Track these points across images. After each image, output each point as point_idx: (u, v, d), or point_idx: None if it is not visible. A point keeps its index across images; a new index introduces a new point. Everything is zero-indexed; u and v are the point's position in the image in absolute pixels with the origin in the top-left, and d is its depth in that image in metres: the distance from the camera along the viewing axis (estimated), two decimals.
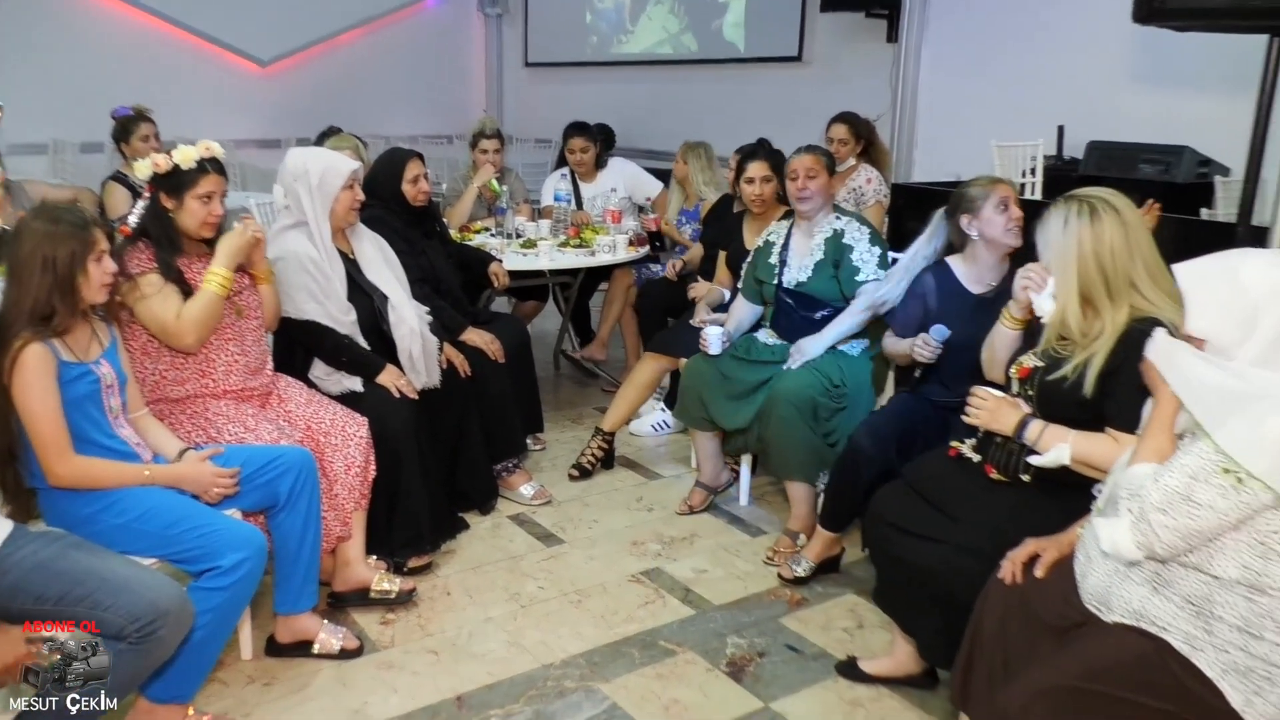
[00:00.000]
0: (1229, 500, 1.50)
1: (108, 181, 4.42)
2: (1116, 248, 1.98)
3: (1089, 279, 1.99)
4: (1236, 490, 1.49)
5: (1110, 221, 1.98)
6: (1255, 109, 2.71)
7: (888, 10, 5.92)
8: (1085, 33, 4.93)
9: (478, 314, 3.67)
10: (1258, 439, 1.47)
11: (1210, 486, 1.51)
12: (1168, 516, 1.54)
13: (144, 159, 2.47)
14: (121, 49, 7.51)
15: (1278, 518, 1.50)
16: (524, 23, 9.11)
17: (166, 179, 2.45)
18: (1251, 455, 1.47)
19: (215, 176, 2.48)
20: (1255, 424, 1.48)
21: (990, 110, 5.39)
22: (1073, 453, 2.01)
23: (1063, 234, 2.01)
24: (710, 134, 4.94)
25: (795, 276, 3.23)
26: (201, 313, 2.43)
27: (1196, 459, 1.53)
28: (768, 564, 3.05)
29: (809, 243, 3.23)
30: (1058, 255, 2.04)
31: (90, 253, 2.07)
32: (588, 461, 3.71)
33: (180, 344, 2.45)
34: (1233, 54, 3.61)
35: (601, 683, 2.45)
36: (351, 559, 2.73)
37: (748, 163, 3.66)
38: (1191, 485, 1.52)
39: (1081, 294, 2.01)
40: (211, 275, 2.46)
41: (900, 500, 2.31)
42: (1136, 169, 4.33)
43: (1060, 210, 2.04)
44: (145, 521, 2.12)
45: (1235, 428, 1.50)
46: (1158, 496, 1.55)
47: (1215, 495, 1.50)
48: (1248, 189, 2.76)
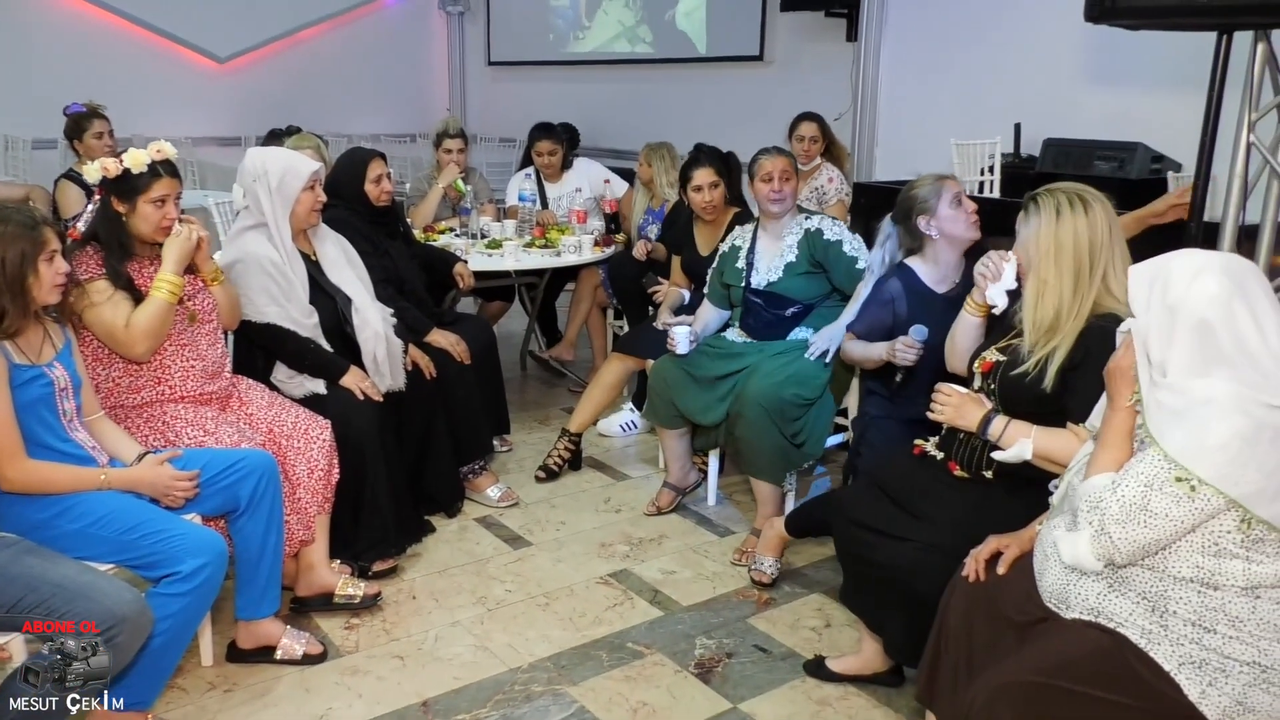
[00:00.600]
0: (1183, 508, 1.52)
1: (61, 180, 4.34)
2: (1103, 241, 2.01)
3: (1080, 271, 2.01)
4: (1190, 498, 1.52)
5: (1100, 213, 2.02)
6: (1205, 106, 2.75)
7: (847, 9, 5.96)
8: (1040, 32, 5.00)
9: (443, 315, 3.64)
10: (1203, 446, 1.50)
11: (1165, 495, 1.53)
12: (1126, 529, 1.56)
13: (94, 161, 2.41)
14: (75, 45, 7.36)
15: (1228, 518, 1.53)
16: (486, 21, 9.06)
17: (117, 183, 2.39)
18: (1200, 462, 1.51)
19: (169, 180, 2.43)
20: (1199, 430, 1.51)
21: (949, 108, 5.45)
22: (1035, 448, 2.04)
23: (1056, 226, 2.02)
24: (673, 133, 4.94)
25: (765, 278, 3.25)
26: (151, 321, 2.38)
27: (1150, 467, 1.55)
28: (735, 565, 3.06)
29: (778, 244, 3.25)
30: (1048, 249, 2.02)
31: (40, 252, 2.03)
32: (555, 463, 3.70)
33: (131, 353, 2.40)
34: (1183, 52, 3.67)
35: (569, 686, 2.44)
36: (315, 563, 2.70)
37: (692, 171, 3.61)
38: (1147, 495, 1.54)
39: (1074, 286, 2.01)
40: (160, 282, 2.40)
41: (866, 499, 2.32)
42: (1092, 166, 4.39)
43: (1050, 202, 2.04)
44: (102, 527, 2.08)
45: (1183, 434, 1.53)
46: (1116, 509, 1.57)
47: (1170, 504, 1.53)
48: (1199, 186, 2.80)
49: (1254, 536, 1.52)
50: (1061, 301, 2.02)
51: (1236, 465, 1.49)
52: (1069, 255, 2.01)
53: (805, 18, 6.23)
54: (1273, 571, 1.53)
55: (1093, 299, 2.02)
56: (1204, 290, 1.58)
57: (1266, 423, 1.50)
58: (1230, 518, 1.52)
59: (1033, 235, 2.05)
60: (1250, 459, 1.49)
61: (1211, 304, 1.57)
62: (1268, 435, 1.49)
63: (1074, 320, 2.02)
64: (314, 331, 2.87)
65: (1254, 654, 1.54)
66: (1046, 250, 2.03)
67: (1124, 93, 4.71)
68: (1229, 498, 1.50)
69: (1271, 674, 1.54)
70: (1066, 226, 2.01)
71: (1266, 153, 2.78)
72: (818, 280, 3.21)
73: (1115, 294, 2.01)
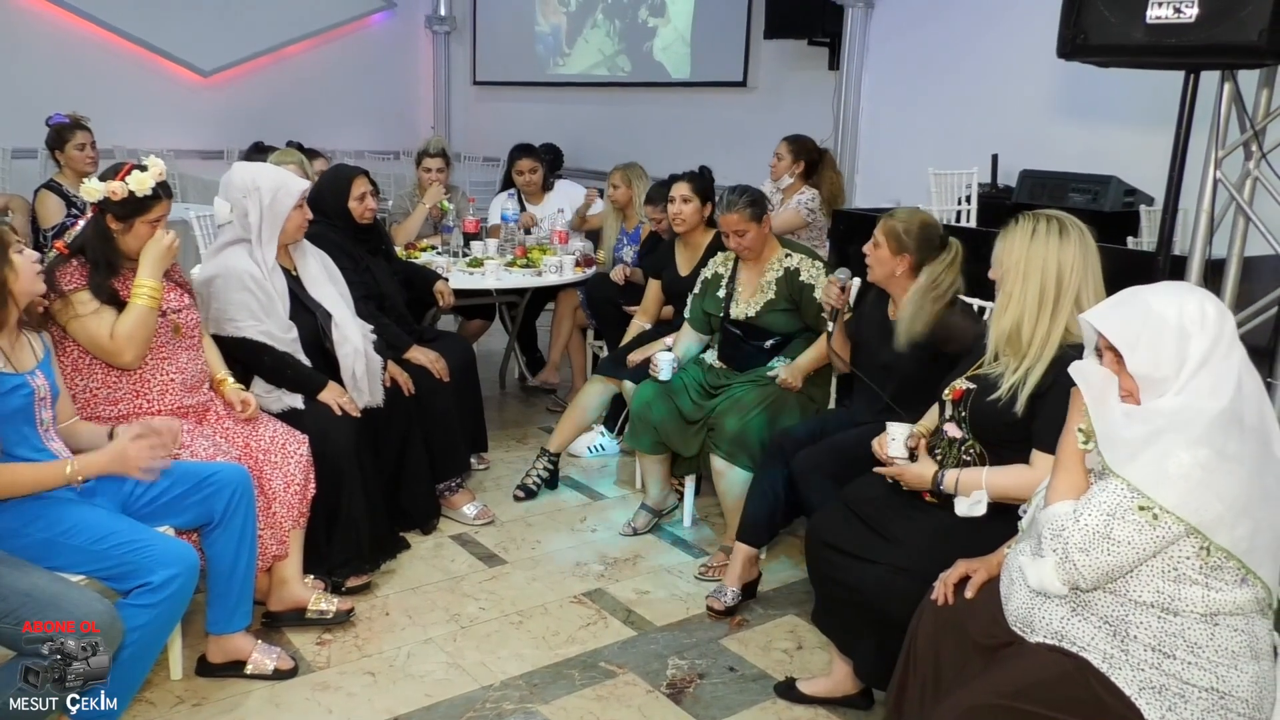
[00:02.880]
0: (1145, 535, 1.56)
1: (40, 189, 4.32)
2: (1075, 267, 2.06)
3: (1045, 291, 2.06)
4: (1152, 526, 1.55)
5: (1075, 240, 2.07)
6: (1173, 142, 2.82)
7: (829, 39, 6.05)
8: (1017, 66, 5.10)
9: (423, 332, 3.66)
10: (1165, 474, 1.54)
11: (1127, 523, 1.56)
12: (1089, 556, 1.59)
13: (92, 180, 2.42)
14: (57, 55, 7.35)
15: (1188, 545, 1.56)
16: (472, 41, 9.12)
17: (120, 204, 2.40)
18: (1162, 490, 1.54)
19: (166, 201, 2.47)
20: (1162, 459, 1.55)
21: (928, 138, 5.54)
22: (990, 492, 2.10)
23: (1029, 244, 2.08)
24: (656, 156, 5.00)
25: (744, 311, 3.28)
26: (134, 328, 2.38)
27: (1113, 496, 1.59)
28: (699, 579, 3.07)
29: (758, 279, 3.30)
30: (1017, 263, 2.08)
31: (8, 247, 2.01)
32: (533, 482, 3.70)
33: (119, 362, 2.40)
34: (1152, 88, 3.77)
35: (541, 704, 2.44)
36: (288, 578, 2.69)
37: (668, 191, 3.77)
38: (1110, 523, 1.58)
39: (1039, 304, 2.07)
40: (139, 288, 2.41)
41: (839, 522, 2.35)
42: (1066, 197, 4.48)
43: (1028, 223, 2.10)
44: (73, 535, 2.07)
45: (1144, 464, 1.56)
46: (1079, 537, 1.60)
47: (1133, 532, 1.56)
48: (1166, 220, 2.87)
49: (1212, 564, 1.56)
50: (1023, 316, 2.08)
51: (1197, 493, 1.53)
52: (1036, 274, 2.07)
53: (788, 45, 6.32)
54: (1231, 599, 1.57)
55: (1062, 325, 2.06)
56: (1187, 307, 1.61)
57: (1227, 452, 1.53)
58: (1189, 544, 1.56)
59: (1006, 250, 2.12)
60: (1210, 487, 1.53)
61: (1192, 320, 1.60)
62: (1228, 465, 1.53)
63: (1042, 344, 2.07)
64: (293, 346, 2.88)
65: (1212, 680, 1.57)
66: (1015, 265, 2.09)
67: (1098, 127, 4.82)
68: (1189, 524, 1.53)
69: (1229, 700, 1.57)
70: (1039, 247, 2.07)
71: (1233, 189, 2.85)
72: (795, 316, 3.26)
73: None
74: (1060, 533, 1.63)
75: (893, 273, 2.72)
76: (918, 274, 2.69)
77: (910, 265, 2.71)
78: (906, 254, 2.69)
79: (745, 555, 2.91)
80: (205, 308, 2.80)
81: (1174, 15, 2.52)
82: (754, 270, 3.31)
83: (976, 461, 2.20)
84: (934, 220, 2.78)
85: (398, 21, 9.18)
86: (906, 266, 2.71)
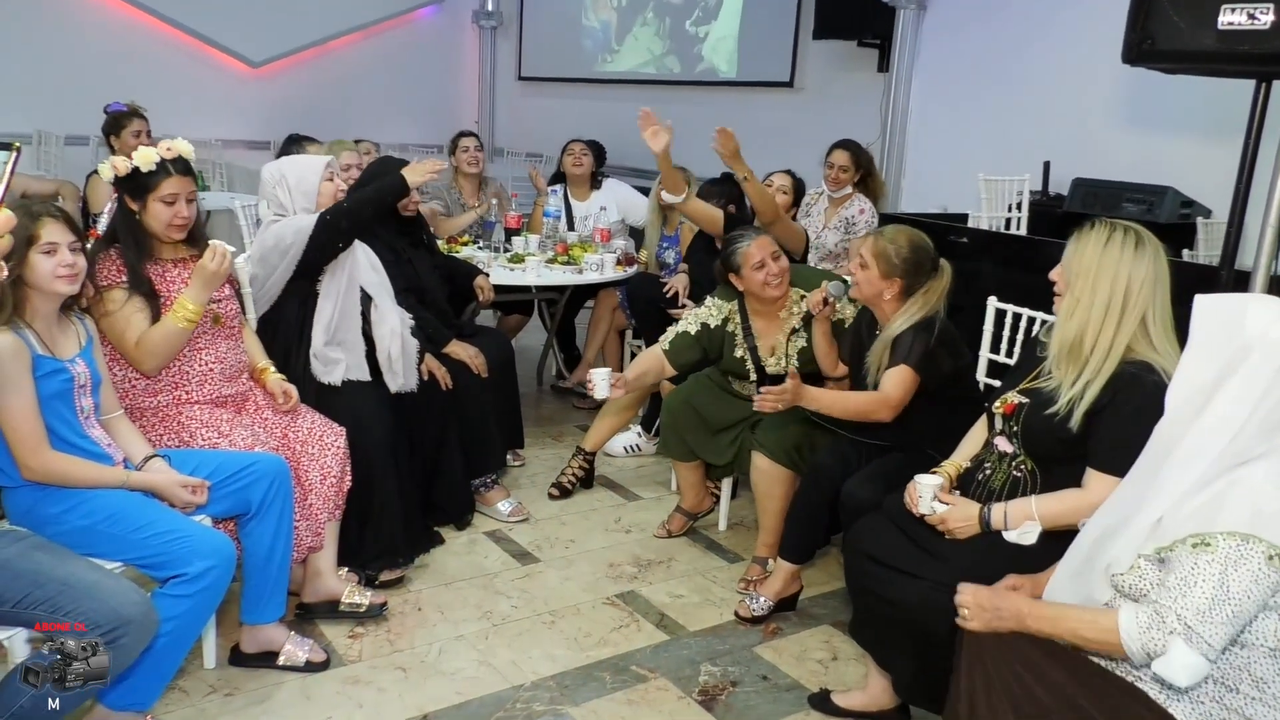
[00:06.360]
0: (1261, 585, 1.46)
1: (92, 175, 4.38)
2: (1146, 281, 1.98)
3: (1112, 301, 1.98)
4: (1268, 568, 1.46)
5: (1150, 256, 1.99)
6: (1241, 153, 2.73)
7: (879, 40, 5.97)
8: (1074, 71, 4.98)
9: (462, 327, 3.65)
10: (1268, 512, 1.46)
11: (1243, 575, 1.46)
12: (1211, 624, 1.47)
13: (107, 160, 2.43)
14: (111, 43, 7.45)
15: None
16: (518, 36, 9.12)
17: (129, 181, 2.40)
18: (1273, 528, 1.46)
19: (178, 178, 2.42)
20: (1255, 498, 1.47)
21: (978, 143, 5.43)
22: (1042, 522, 2.04)
23: (1102, 251, 2.00)
24: (701, 156, 4.93)
25: (782, 365, 3.07)
26: (161, 344, 2.38)
27: (1220, 554, 1.48)
28: (741, 593, 3.03)
29: (779, 325, 3.10)
30: (1088, 269, 2.00)
31: (33, 243, 2.00)
32: (568, 481, 3.68)
33: (138, 368, 2.42)
34: (1216, 98, 3.66)
35: (571, 706, 2.42)
36: (322, 570, 2.69)
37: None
38: (1224, 579, 1.47)
39: (1104, 314, 1.99)
40: (180, 308, 2.37)
41: (880, 533, 2.29)
42: (1120, 208, 4.37)
43: (1104, 230, 2.02)
44: (112, 524, 2.08)
45: (1237, 510, 1.48)
46: (1194, 609, 1.48)
47: (1249, 583, 1.46)
48: (1232, 233, 2.78)
49: None
50: (1088, 324, 2.00)
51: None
52: (1106, 282, 1.99)
53: (837, 46, 6.24)
54: None
55: (1125, 340, 1.99)
56: None
57: None
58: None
59: (1077, 254, 2.04)
60: None
61: None
62: None
63: (1103, 356, 1.99)
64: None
65: (1275, 717, 1.50)
66: (1085, 270, 2.01)
67: (1155, 136, 4.69)
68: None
69: None
70: (1112, 255, 1.99)
71: None
72: None
73: (1154, 342, 1.98)
74: (1162, 604, 1.52)
75: (880, 294, 2.67)
76: (908, 298, 2.64)
77: (900, 290, 2.65)
78: (896, 278, 2.64)
79: (787, 572, 2.88)
80: (265, 262, 2.82)
81: (1248, 22, 2.43)
82: (768, 318, 3.11)
83: (1027, 478, 2.13)
84: (925, 240, 2.70)
85: (445, 16, 9.21)
86: (896, 291, 2.65)
